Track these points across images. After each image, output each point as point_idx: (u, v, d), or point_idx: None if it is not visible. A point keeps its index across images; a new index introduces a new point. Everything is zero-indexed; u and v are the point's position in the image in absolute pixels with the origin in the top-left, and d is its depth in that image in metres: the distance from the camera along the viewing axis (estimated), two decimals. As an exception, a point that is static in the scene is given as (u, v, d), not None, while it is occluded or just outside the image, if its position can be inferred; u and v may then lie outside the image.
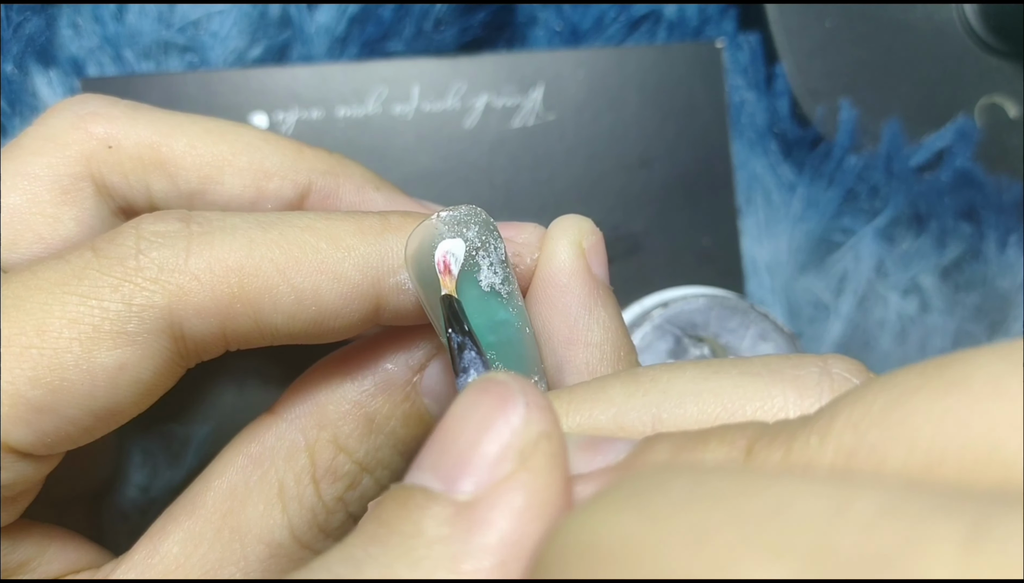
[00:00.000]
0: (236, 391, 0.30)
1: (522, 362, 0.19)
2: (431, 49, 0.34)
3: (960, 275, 0.34)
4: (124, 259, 0.18)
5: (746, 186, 0.34)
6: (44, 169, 0.21)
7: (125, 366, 0.17)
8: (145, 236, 0.18)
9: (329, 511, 0.20)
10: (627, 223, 0.33)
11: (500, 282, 0.19)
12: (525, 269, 0.20)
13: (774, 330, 0.28)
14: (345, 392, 0.21)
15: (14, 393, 0.17)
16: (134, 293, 0.17)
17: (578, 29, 0.35)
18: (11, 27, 0.31)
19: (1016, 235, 0.34)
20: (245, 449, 0.21)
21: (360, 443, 0.21)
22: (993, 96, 0.35)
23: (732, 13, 0.35)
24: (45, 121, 0.22)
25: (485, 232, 0.19)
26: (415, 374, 0.21)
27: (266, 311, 0.18)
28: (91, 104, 0.22)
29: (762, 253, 0.34)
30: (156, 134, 0.22)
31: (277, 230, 0.19)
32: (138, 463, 0.29)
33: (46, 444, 0.18)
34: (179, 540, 0.19)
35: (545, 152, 0.33)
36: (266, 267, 0.18)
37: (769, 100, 0.34)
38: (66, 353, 0.17)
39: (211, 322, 0.18)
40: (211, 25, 0.33)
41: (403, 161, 0.32)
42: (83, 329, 0.17)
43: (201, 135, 0.22)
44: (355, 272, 0.19)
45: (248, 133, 0.23)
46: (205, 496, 0.20)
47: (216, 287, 0.18)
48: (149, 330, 0.18)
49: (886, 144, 0.33)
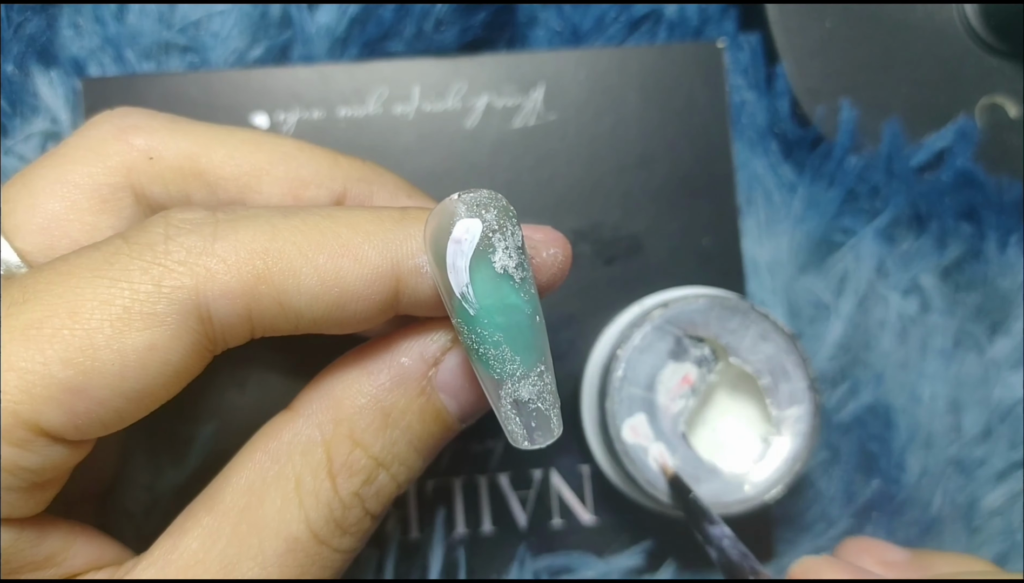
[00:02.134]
0: (239, 390, 0.30)
1: (529, 349, 0.19)
2: (432, 49, 0.34)
3: (960, 275, 0.34)
4: (153, 244, 0.18)
5: (746, 186, 0.34)
6: (85, 178, 0.22)
7: (155, 347, 0.18)
8: (174, 223, 0.19)
9: (346, 506, 0.21)
10: (627, 223, 0.33)
11: (514, 266, 0.19)
12: (540, 262, 0.21)
13: (774, 330, 0.28)
14: (361, 386, 0.21)
15: (47, 374, 0.17)
16: (163, 275, 0.18)
17: (579, 29, 0.35)
18: (12, 27, 0.32)
19: (1016, 235, 0.34)
20: (263, 445, 0.21)
21: (376, 438, 0.21)
22: (993, 96, 0.35)
23: (732, 13, 0.35)
24: (86, 132, 0.22)
25: (503, 217, 0.19)
26: (430, 368, 0.21)
27: (290, 293, 0.19)
28: (132, 116, 0.23)
29: (762, 253, 0.34)
30: (195, 145, 0.22)
31: (299, 218, 0.19)
32: (142, 462, 0.29)
33: (78, 427, 0.18)
34: (198, 536, 0.20)
35: (546, 152, 0.33)
36: (289, 250, 0.19)
37: (769, 100, 0.34)
38: (97, 334, 0.17)
39: (237, 304, 0.18)
40: (212, 25, 0.33)
41: (404, 161, 0.32)
42: (114, 311, 0.18)
43: (239, 146, 0.23)
44: (375, 254, 0.19)
45: (285, 143, 0.23)
46: (224, 492, 0.20)
47: (242, 269, 0.18)
48: (178, 311, 0.18)
49: (886, 144, 0.33)
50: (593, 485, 0.32)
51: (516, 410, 0.19)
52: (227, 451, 0.22)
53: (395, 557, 0.31)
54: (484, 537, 0.32)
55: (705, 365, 0.29)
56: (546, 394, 0.19)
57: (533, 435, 0.20)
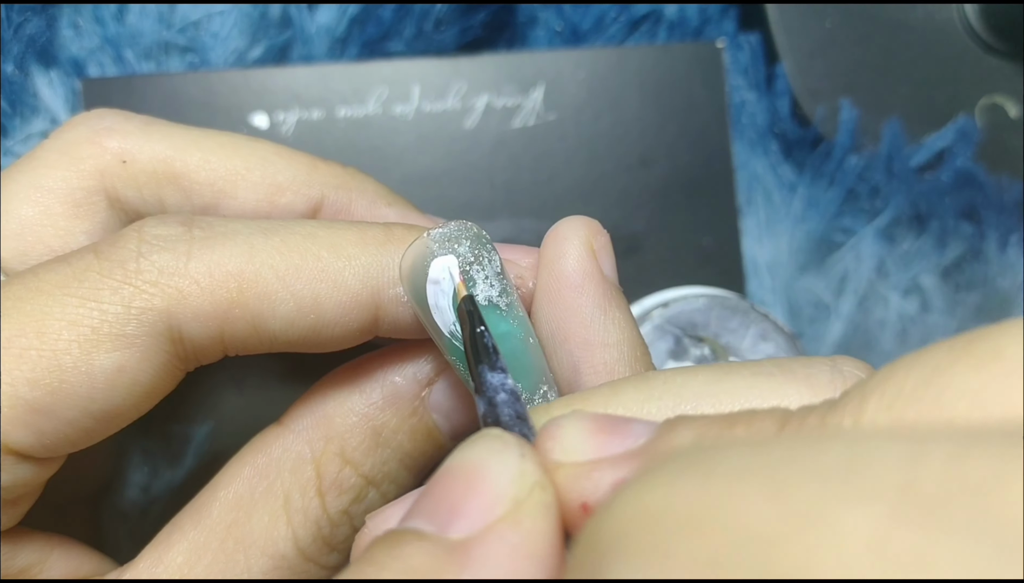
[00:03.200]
0: (235, 390, 0.30)
1: (528, 373, 0.19)
2: (431, 49, 0.34)
3: (961, 275, 0.34)
4: (125, 262, 0.18)
5: (746, 186, 0.34)
6: (58, 182, 0.21)
7: (124, 368, 0.18)
8: (147, 239, 0.18)
9: (334, 524, 0.20)
10: (627, 223, 0.33)
11: (498, 294, 0.19)
12: (527, 292, 0.20)
13: (774, 330, 0.28)
14: (353, 404, 0.21)
15: (13, 395, 0.17)
16: (134, 296, 0.18)
17: (578, 29, 0.35)
18: (12, 27, 0.32)
19: (1017, 235, 0.34)
20: (252, 460, 0.21)
21: (366, 456, 0.21)
22: (993, 96, 0.35)
23: (732, 13, 0.35)
24: (60, 135, 0.22)
25: (477, 246, 0.19)
26: (423, 388, 0.21)
27: (265, 317, 0.18)
28: (107, 119, 0.22)
29: (762, 253, 0.34)
30: (170, 148, 0.22)
31: (279, 237, 0.19)
32: (137, 463, 0.29)
33: (45, 446, 0.18)
34: (183, 550, 0.19)
35: (545, 152, 0.33)
36: (266, 273, 0.18)
37: (769, 100, 0.34)
38: (65, 355, 0.17)
39: (209, 326, 0.18)
40: (212, 25, 0.33)
41: (403, 161, 0.32)
42: (82, 331, 0.17)
43: (215, 149, 0.22)
44: (355, 281, 0.19)
45: (262, 147, 0.23)
46: (211, 506, 0.20)
47: (215, 292, 0.18)
48: (148, 333, 0.18)
49: (886, 144, 0.33)
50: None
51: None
52: (222, 452, 0.22)
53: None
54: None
55: (705, 365, 0.29)
56: None
57: None
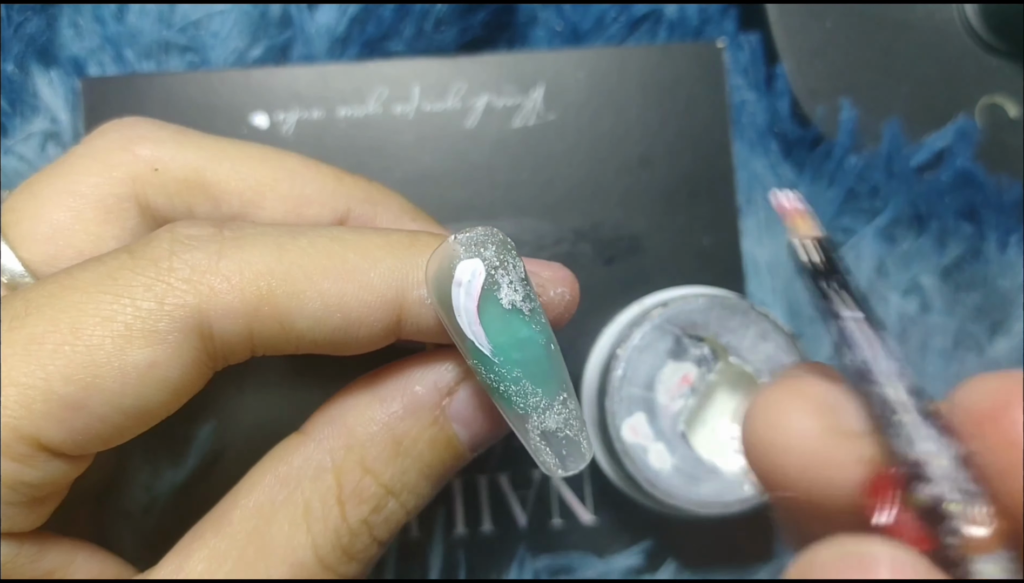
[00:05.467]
0: (238, 389, 0.30)
1: (549, 380, 0.19)
2: (431, 49, 0.34)
3: (961, 275, 0.34)
4: (158, 260, 0.18)
5: (746, 186, 0.34)
6: (90, 188, 0.22)
7: (155, 364, 0.18)
8: (179, 239, 0.19)
9: (353, 533, 0.20)
10: (627, 223, 0.33)
11: (521, 299, 0.19)
12: (547, 300, 0.21)
13: (774, 330, 0.28)
14: (373, 413, 0.21)
15: (47, 389, 0.17)
16: (166, 293, 0.18)
17: (578, 29, 0.35)
18: (12, 27, 0.32)
19: (1017, 235, 0.34)
20: (273, 469, 0.21)
21: (387, 466, 0.21)
22: (993, 96, 0.35)
23: (733, 13, 0.35)
24: (92, 141, 0.22)
25: (503, 251, 0.19)
26: (444, 398, 0.21)
27: (293, 316, 0.19)
28: (139, 127, 0.23)
29: (762, 253, 0.34)
30: (201, 158, 0.22)
31: (307, 238, 0.19)
32: (140, 461, 0.29)
33: (77, 442, 0.18)
34: (204, 557, 0.20)
35: (546, 152, 0.33)
36: (295, 272, 0.19)
37: (769, 100, 0.34)
38: (99, 351, 0.17)
39: (239, 324, 0.18)
40: (212, 25, 0.33)
41: (404, 161, 0.32)
42: (116, 327, 0.18)
43: (244, 160, 0.23)
44: (381, 282, 0.19)
45: (290, 159, 0.23)
46: (232, 514, 0.20)
47: (246, 289, 0.18)
48: (180, 329, 0.18)
49: (886, 144, 0.34)
50: (593, 485, 0.32)
51: (545, 441, 0.19)
52: (226, 450, 0.22)
53: (395, 557, 0.31)
54: (484, 537, 0.32)
55: (705, 365, 0.29)
56: (572, 420, 0.19)
57: (566, 462, 0.20)
